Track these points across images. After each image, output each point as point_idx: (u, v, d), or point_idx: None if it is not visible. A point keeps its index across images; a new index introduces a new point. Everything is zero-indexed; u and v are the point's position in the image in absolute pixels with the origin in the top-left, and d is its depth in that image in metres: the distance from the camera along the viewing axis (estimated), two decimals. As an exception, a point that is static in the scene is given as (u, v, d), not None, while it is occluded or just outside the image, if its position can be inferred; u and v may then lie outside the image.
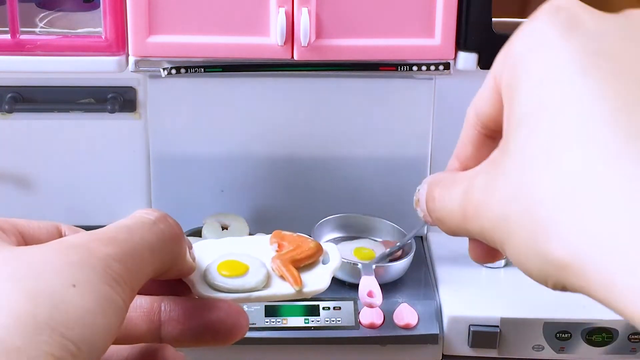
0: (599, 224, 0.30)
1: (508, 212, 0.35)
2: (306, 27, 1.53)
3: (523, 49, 0.36)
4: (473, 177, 0.38)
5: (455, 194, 0.39)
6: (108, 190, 1.92)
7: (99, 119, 1.85)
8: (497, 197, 0.35)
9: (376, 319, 1.64)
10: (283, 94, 1.84)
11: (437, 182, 0.42)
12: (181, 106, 1.85)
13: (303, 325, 1.65)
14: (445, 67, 1.60)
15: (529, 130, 0.34)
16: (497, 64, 0.39)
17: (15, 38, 1.56)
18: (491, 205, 0.36)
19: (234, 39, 1.57)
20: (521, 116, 0.35)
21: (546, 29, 0.36)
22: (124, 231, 0.41)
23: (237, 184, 1.90)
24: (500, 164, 0.36)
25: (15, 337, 0.33)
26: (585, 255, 0.31)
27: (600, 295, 0.31)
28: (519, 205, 0.34)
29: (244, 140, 1.87)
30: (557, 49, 0.35)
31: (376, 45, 1.58)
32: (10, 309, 0.34)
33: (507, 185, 0.35)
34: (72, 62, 1.59)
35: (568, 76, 0.33)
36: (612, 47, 0.34)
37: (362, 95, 1.84)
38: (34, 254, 0.37)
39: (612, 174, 0.30)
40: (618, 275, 0.30)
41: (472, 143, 0.42)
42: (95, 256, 0.38)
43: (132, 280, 0.39)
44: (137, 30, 1.55)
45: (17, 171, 1.90)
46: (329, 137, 1.87)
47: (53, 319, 0.35)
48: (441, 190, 0.41)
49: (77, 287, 0.36)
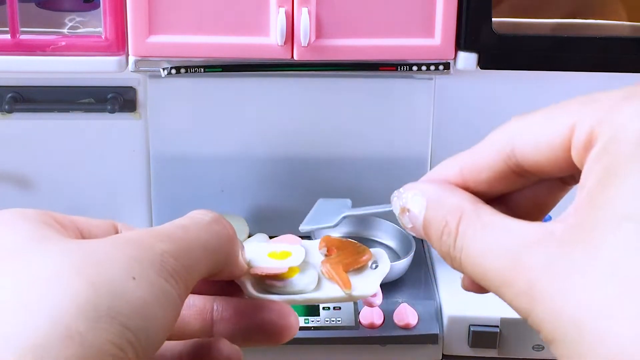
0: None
1: (582, 320, 0.31)
2: (306, 27, 1.53)
3: (630, 139, 0.32)
4: (533, 244, 0.34)
5: (498, 247, 0.36)
6: (108, 190, 1.92)
7: (99, 119, 1.85)
8: (574, 296, 0.32)
9: (376, 319, 1.64)
10: (283, 94, 1.84)
11: (450, 205, 0.39)
12: (181, 106, 1.85)
13: (303, 325, 1.64)
14: (445, 67, 1.60)
15: (631, 240, 0.31)
16: (585, 118, 0.35)
17: (15, 38, 1.56)
18: (561, 301, 0.32)
19: (233, 39, 1.57)
20: (623, 217, 0.31)
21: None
22: (180, 229, 0.42)
23: (237, 184, 1.90)
24: (579, 256, 0.32)
25: (78, 322, 0.35)
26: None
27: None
28: (600, 324, 0.30)
29: (244, 140, 1.87)
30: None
31: (376, 45, 1.58)
32: (73, 296, 0.36)
33: (590, 293, 0.31)
34: (72, 62, 1.59)
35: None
36: None
37: (361, 95, 1.84)
38: (96, 247, 0.39)
39: None
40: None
41: (492, 170, 0.39)
42: (153, 251, 0.39)
43: (186, 277, 0.40)
44: (137, 30, 1.55)
45: (17, 171, 1.90)
46: (329, 137, 1.87)
47: (113, 308, 0.36)
48: (469, 228, 0.38)
49: (137, 279, 0.38)
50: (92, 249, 0.39)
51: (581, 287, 0.31)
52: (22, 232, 0.40)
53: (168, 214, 1.92)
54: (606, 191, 0.32)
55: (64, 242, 0.39)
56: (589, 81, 1.79)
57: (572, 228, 0.33)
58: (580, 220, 0.33)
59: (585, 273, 0.31)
